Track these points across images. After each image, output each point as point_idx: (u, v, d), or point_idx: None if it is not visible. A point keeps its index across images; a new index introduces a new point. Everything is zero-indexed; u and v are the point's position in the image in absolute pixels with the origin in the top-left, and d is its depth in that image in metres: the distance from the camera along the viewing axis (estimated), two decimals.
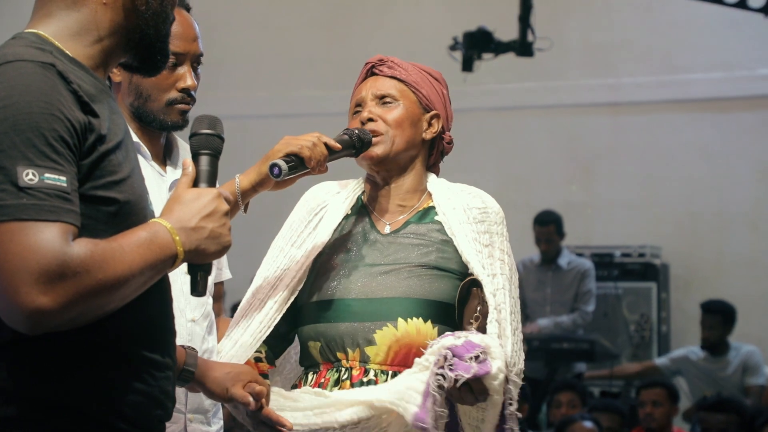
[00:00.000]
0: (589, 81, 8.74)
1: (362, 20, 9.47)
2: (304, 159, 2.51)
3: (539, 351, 7.48)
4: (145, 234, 1.89)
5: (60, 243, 1.77)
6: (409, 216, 2.69)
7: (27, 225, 1.76)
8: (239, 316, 2.68)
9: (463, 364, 2.36)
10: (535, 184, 9.12)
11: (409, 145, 2.68)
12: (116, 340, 1.93)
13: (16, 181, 1.77)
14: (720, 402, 6.00)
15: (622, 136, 9.05)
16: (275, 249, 2.74)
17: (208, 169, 2.11)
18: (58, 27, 1.98)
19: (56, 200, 1.79)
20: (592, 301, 7.81)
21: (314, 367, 2.60)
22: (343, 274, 2.62)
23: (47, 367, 1.87)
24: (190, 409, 2.80)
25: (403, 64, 2.74)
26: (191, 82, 2.75)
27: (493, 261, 2.62)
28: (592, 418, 5.65)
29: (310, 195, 2.76)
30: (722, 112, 8.62)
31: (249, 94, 9.69)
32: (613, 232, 8.86)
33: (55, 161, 1.80)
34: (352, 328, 2.56)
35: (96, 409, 1.91)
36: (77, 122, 1.85)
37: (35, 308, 1.75)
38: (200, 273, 2.05)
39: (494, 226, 2.67)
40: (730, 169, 8.78)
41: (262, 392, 2.46)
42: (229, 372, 2.49)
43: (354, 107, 2.73)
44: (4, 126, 1.79)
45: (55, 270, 1.75)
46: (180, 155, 2.87)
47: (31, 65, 1.85)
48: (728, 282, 8.58)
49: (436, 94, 2.74)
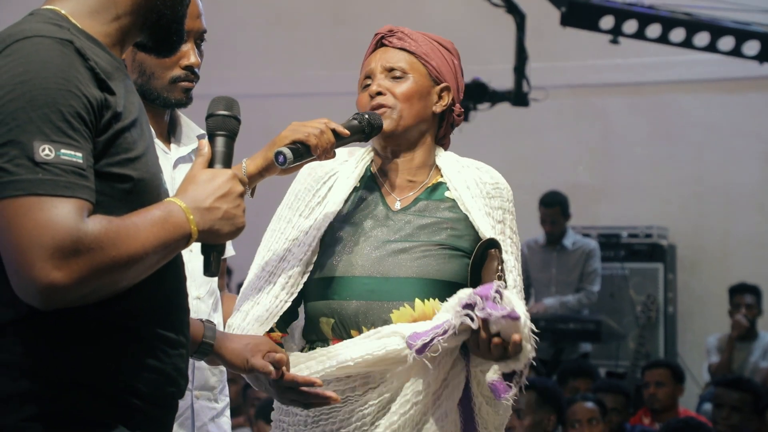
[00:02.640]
0: (596, 61, 8.72)
1: (369, 1, 9.44)
2: (311, 147, 2.50)
3: (545, 331, 7.48)
4: (159, 213, 1.90)
5: (75, 219, 1.78)
6: (419, 192, 2.67)
7: (42, 200, 1.77)
8: (249, 290, 2.66)
9: (495, 305, 2.33)
10: (542, 164, 9.11)
11: (419, 119, 2.66)
12: (131, 317, 1.94)
13: (32, 156, 1.78)
14: (736, 380, 6.02)
15: (629, 117, 9.03)
16: (281, 220, 2.70)
17: (223, 150, 2.13)
18: (76, 4, 1.98)
19: (72, 176, 1.80)
20: (597, 281, 7.80)
21: (323, 342, 2.59)
22: (354, 250, 2.60)
23: (61, 343, 1.88)
24: (197, 386, 2.81)
25: (414, 34, 2.70)
26: (195, 60, 2.75)
27: (504, 238, 2.62)
28: (594, 399, 5.65)
29: (315, 162, 2.70)
30: (729, 93, 8.60)
31: (255, 73, 9.69)
32: (620, 213, 8.85)
33: (71, 137, 1.81)
34: (367, 307, 2.54)
35: (110, 386, 1.92)
36: (93, 99, 1.86)
37: (49, 283, 1.76)
38: (213, 253, 2.08)
39: (506, 203, 2.67)
40: (737, 149, 8.76)
41: (282, 360, 2.46)
42: (248, 343, 2.50)
43: (363, 79, 2.70)
44: (21, 101, 1.80)
45: (69, 246, 1.76)
46: (184, 133, 2.87)
47: (49, 41, 1.86)
48: (735, 263, 8.58)
49: (446, 66, 2.70)
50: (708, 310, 8.64)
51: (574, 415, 5.52)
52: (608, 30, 7.26)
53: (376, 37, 2.73)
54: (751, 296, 7.55)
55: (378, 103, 2.63)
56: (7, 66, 1.83)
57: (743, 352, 7.43)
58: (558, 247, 7.87)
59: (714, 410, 5.89)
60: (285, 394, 2.49)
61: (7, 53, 1.85)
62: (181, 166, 2.80)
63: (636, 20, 7.20)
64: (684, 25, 7.17)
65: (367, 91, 2.66)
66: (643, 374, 6.60)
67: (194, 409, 2.81)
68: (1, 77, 1.82)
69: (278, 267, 2.64)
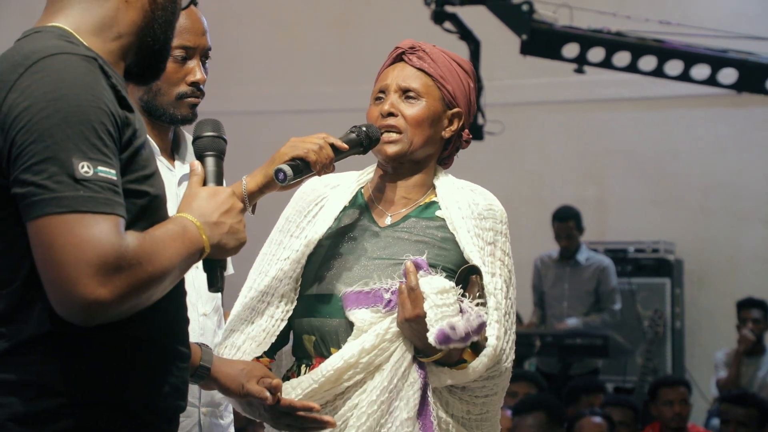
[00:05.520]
0: (603, 77, 8.72)
1: (374, 17, 9.47)
2: (310, 163, 2.50)
3: (553, 346, 7.48)
4: (176, 228, 1.93)
5: (116, 235, 1.79)
6: (411, 209, 2.66)
7: (85, 217, 1.78)
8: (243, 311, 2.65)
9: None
10: (548, 179, 9.11)
11: (427, 143, 2.65)
12: (147, 332, 1.96)
13: (72, 173, 1.78)
14: (742, 395, 6.02)
15: (636, 132, 9.03)
16: (272, 243, 2.70)
17: (214, 170, 2.17)
18: (79, 21, 1.99)
19: (109, 193, 1.81)
20: (618, 298, 7.79)
21: (307, 359, 2.59)
22: (338, 268, 2.60)
23: (79, 360, 1.89)
24: (204, 403, 2.81)
25: (434, 53, 2.67)
26: (201, 76, 2.76)
27: (494, 260, 2.59)
28: (602, 414, 5.64)
29: (308, 187, 2.72)
30: (736, 107, 8.59)
31: (261, 90, 9.71)
32: (627, 228, 8.85)
33: (105, 154, 1.82)
34: (348, 324, 2.54)
35: (129, 402, 1.93)
36: (118, 116, 1.88)
37: (93, 300, 1.77)
38: (218, 269, 2.11)
39: (499, 225, 2.64)
40: (743, 164, 8.76)
41: (279, 385, 2.46)
42: (242, 369, 2.50)
43: (377, 92, 2.68)
44: (56, 118, 1.80)
45: (113, 262, 1.78)
46: (188, 150, 2.88)
47: (75, 58, 1.87)
48: (742, 277, 8.56)
49: (461, 89, 2.68)
50: (715, 325, 8.62)
51: (581, 430, 5.51)
52: (572, 59, 6.80)
53: (396, 51, 2.70)
54: (758, 311, 7.54)
55: (389, 124, 2.62)
56: (38, 83, 1.83)
57: (751, 367, 7.41)
58: (571, 262, 7.85)
59: (721, 426, 5.89)
60: (281, 419, 2.49)
61: (35, 69, 1.85)
62: (185, 184, 2.80)
63: (603, 48, 6.74)
64: (655, 53, 6.71)
65: (379, 108, 2.65)
66: (656, 391, 6.54)
67: (201, 425, 2.81)
68: (33, 94, 1.82)
69: (270, 286, 2.64)
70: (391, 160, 2.64)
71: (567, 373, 7.55)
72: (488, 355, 2.48)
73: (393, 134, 2.62)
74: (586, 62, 6.80)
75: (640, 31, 6.86)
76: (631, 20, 6.93)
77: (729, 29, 7.12)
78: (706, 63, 6.71)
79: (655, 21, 6.93)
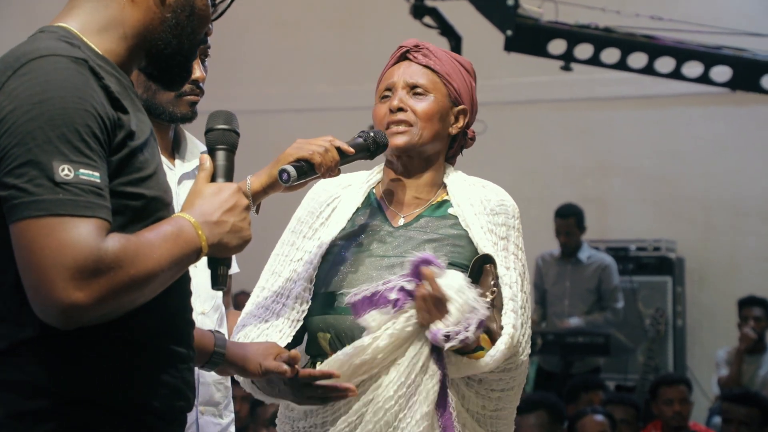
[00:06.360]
0: (604, 75, 8.71)
1: (375, 17, 9.47)
2: (315, 165, 2.51)
3: (554, 345, 7.48)
4: (170, 228, 1.91)
5: (95, 239, 1.78)
6: (423, 209, 2.68)
7: (64, 220, 1.78)
8: (257, 310, 2.67)
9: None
10: (550, 178, 9.12)
11: (435, 138, 2.66)
12: (142, 333, 1.95)
13: (52, 177, 1.78)
14: (744, 395, 6.02)
15: (637, 130, 9.03)
16: (285, 244, 2.72)
17: (224, 164, 2.14)
18: (85, 21, 1.99)
19: (91, 196, 1.80)
20: (620, 296, 7.79)
21: (322, 356, 2.60)
22: (353, 266, 2.61)
23: (74, 361, 1.89)
24: (202, 402, 2.81)
25: (438, 52, 2.70)
26: (200, 74, 2.77)
27: (507, 255, 2.61)
28: (604, 412, 5.64)
29: (319, 188, 2.74)
30: (737, 105, 8.59)
31: (262, 89, 9.72)
32: (628, 226, 8.85)
33: (88, 157, 1.82)
34: None
35: (123, 403, 1.93)
36: (108, 118, 1.87)
37: (71, 303, 1.77)
38: (221, 267, 2.09)
39: (512, 219, 2.67)
40: (745, 162, 8.75)
41: (296, 356, 2.46)
42: (257, 349, 2.50)
43: (383, 91, 2.69)
44: (40, 121, 1.80)
45: (91, 266, 1.77)
46: (188, 148, 2.89)
47: (64, 60, 1.86)
48: (744, 275, 8.56)
49: (465, 87, 2.71)
50: (717, 323, 8.62)
51: (583, 428, 5.51)
52: (559, 56, 6.52)
53: (400, 50, 2.72)
54: (759, 309, 7.53)
55: (398, 119, 2.63)
56: (24, 85, 1.83)
57: (752, 365, 7.41)
58: (573, 260, 7.85)
59: (723, 426, 5.89)
60: (302, 391, 2.48)
61: (23, 72, 1.85)
62: (185, 182, 2.81)
63: (591, 44, 6.45)
64: (645, 49, 6.45)
65: (387, 104, 2.66)
66: (657, 389, 6.53)
67: (199, 424, 2.81)
68: (19, 96, 1.83)
69: (285, 288, 2.65)
70: (401, 152, 2.65)
71: (569, 372, 7.55)
72: (506, 343, 2.49)
73: (401, 126, 2.63)
74: (574, 59, 6.56)
75: (630, 27, 6.65)
76: (620, 15, 6.72)
77: (724, 26, 6.97)
78: (698, 60, 6.50)
79: (646, 16, 6.78)
